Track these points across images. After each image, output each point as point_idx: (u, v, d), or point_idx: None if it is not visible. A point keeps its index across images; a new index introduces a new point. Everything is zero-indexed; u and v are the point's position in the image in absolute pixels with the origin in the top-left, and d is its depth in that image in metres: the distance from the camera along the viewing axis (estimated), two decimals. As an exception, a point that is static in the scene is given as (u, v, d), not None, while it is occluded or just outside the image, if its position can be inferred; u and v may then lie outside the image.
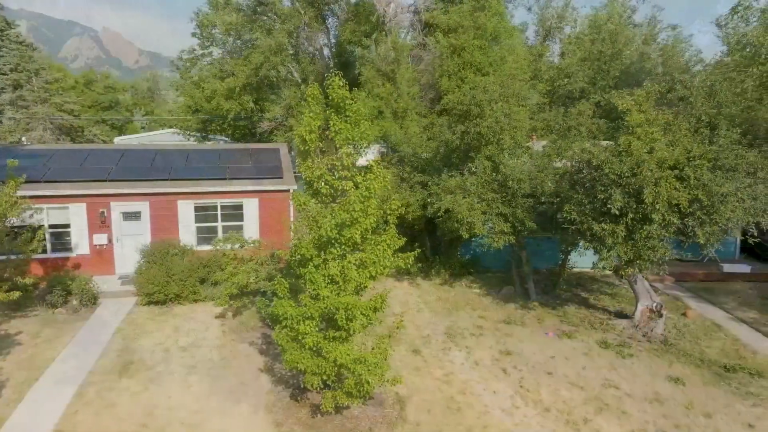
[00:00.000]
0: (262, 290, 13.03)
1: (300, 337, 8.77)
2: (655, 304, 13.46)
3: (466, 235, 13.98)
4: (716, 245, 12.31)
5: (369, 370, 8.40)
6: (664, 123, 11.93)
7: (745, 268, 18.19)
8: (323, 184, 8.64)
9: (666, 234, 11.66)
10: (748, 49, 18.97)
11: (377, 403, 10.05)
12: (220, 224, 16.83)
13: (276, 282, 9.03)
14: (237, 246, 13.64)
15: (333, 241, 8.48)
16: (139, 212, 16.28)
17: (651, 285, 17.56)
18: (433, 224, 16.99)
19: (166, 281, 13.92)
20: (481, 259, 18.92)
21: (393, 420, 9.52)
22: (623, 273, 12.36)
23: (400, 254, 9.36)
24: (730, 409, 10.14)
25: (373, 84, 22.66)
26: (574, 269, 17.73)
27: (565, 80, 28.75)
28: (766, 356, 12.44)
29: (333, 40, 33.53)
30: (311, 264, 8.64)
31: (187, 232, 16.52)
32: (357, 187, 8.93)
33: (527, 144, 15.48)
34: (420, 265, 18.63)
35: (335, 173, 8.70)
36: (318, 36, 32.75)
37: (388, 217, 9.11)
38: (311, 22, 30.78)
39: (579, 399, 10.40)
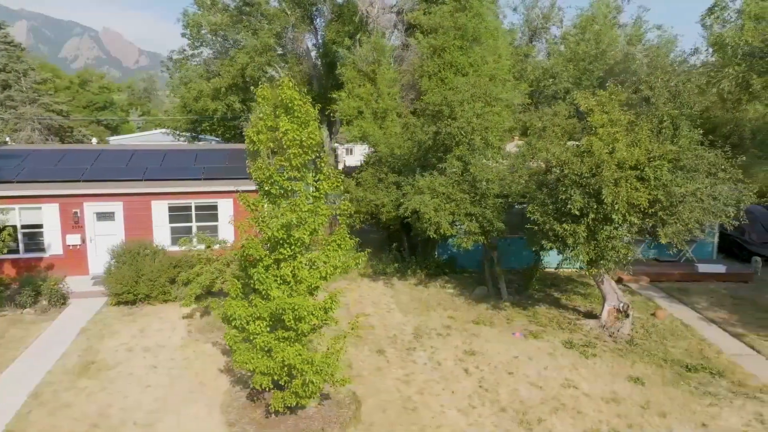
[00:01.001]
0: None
1: (251, 338, 8.82)
2: (621, 305, 13.50)
3: (433, 236, 14.02)
4: (685, 246, 12.31)
5: (316, 370, 8.43)
6: (627, 123, 11.97)
7: (720, 268, 18.22)
8: (272, 184, 8.67)
9: (627, 234, 11.69)
10: (723, 51, 19.04)
11: (334, 403, 10.09)
12: (194, 224, 16.88)
13: (228, 282, 9.06)
14: (203, 246, 13.67)
15: (282, 242, 8.51)
16: (113, 212, 16.33)
17: (626, 285, 17.72)
18: (410, 225, 17.05)
19: (135, 281, 13.95)
20: (458, 259, 18.96)
21: (347, 420, 9.55)
22: (587, 273, 12.38)
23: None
24: (686, 408, 10.17)
25: (354, 84, 22.69)
26: (549, 269, 17.77)
27: (550, 80, 28.82)
28: (730, 356, 12.46)
29: (320, 41, 33.59)
30: (261, 265, 8.67)
31: (161, 233, 16.56)
32: (317, 189, 9.00)
33: (498, 144, 15.48)
34: (396, 265, 18.72)
35: (285, 174, 8.73)
36: (305, 36, 32.82)
37: (339, 217, 9.12)
38: (298, 22, 30.82)
39: (537, 399, 10.43)
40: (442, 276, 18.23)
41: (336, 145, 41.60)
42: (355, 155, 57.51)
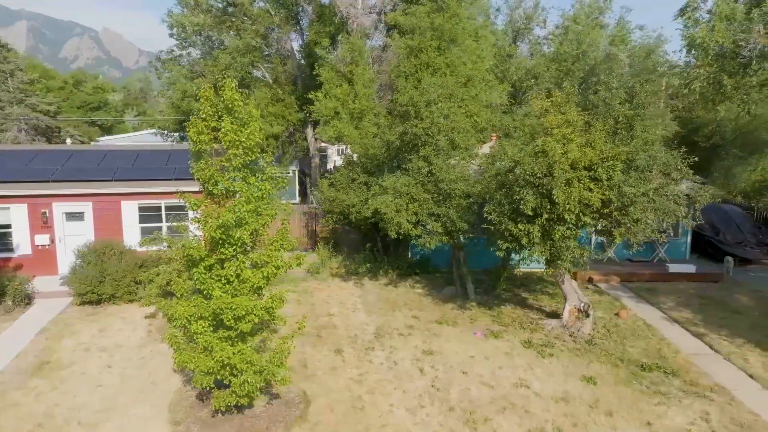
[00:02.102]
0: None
1: (195, 337, 8.88)
2: (582, 304, 13.55)
3: (394, 236, 14.07)
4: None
5: (256, 370, 8.48)
6: (583, 124, 12.02)
7: (690, 268, 18.28)
8: (214, 185, 8.73)
9: (582, 234, 11.73)
10: (695, 51, 19.03)
11: (283, 403, 10.14)
12: (164, 225, 16.94)
13: (173, 282, 9.12)
14: (164, 246, 13.72)
15: (222, 242, 8.57)
16: (83, 213, 16.39)
17: (596, 285, 17.78)
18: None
19: (99, 281, 14.01)
20: (431, 259, 19.03)
21: (293, 419, 9.60)
22: (545, 273, 12.44)
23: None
24: (634, 407, 10.21)
25: (332, 84, 22.76)
26: (523, 269, 17.85)
27: (532, 81, 28.84)
28: (687, 356, 12.52)
29: (305, 41, 33.63)
30: (202, 265, 8.73)
31: (131, 233, 16.61)
32: (260, 189, 9.06)
33: (465, 145, 15.51)
34: (368, 265, 18.79)
35: (226, 174, 8.79)
36: (291, 37, 32.85)
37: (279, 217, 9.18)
38: (282, 23, 30.86)
39: (487, 398, 10.48)
40: (413, 276, 18.30)
41: (325, 145, 41.70)
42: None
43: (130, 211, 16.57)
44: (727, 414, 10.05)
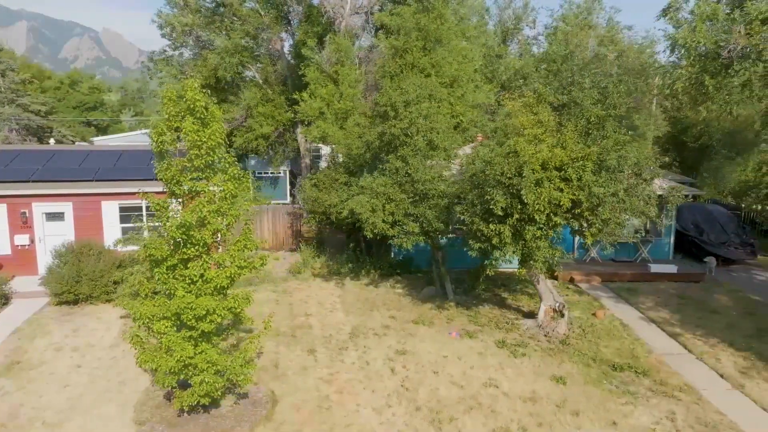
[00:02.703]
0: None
1: (158, 337, 8.91)
2: (557, 304, 13.57)
3: (370, 235, 14.10)
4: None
5: (217, 370, 8.50)
6: (555, 124, 12.04)
7: (671, 269, 18.29)
8: (176, 185, 8.76)
9: (553, 234, 11.75)
10: (678, 52, 19.04)
11: (250, 402, 10.15)
12: (145, 224, 16.92)
13: (137, 282, 9.13)
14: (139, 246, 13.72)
15: (184, 242, 8.59)
16: (63, 213, 16.41)
17: (576, 285, 17.80)
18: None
19: (76, 281, 14.03)
20: (414, 259, 19.05)
21: (258, 419, 9.62)
22: (518, 273, 12.45)
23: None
24: (601, 407, 10.23)
25: (317, 85, 22.78)
26: (504, 270, 17.84)
27: (521, 81, 28.85)
28: (659, 356, 12.54)
29: (295, 42, 33.66)
30: (165, 264, 8.75)
31: (112, 233, 16.63)
32: (223, 190, 9.09)
33: (444, 145, 15.50)
34: (350, 265, 18.81)
35: (188, 174, 8.81)
36: (282, 37, 32.87)
37: (241, 218, 9.19)
38: (272, 23, 30.88)
39: (454, 398, 10.49)
40: (394, 276, 18.32)
41: (318, 145, 41.69)
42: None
43: (110, 211, 16.59)
44: (693, 413, 10.07)
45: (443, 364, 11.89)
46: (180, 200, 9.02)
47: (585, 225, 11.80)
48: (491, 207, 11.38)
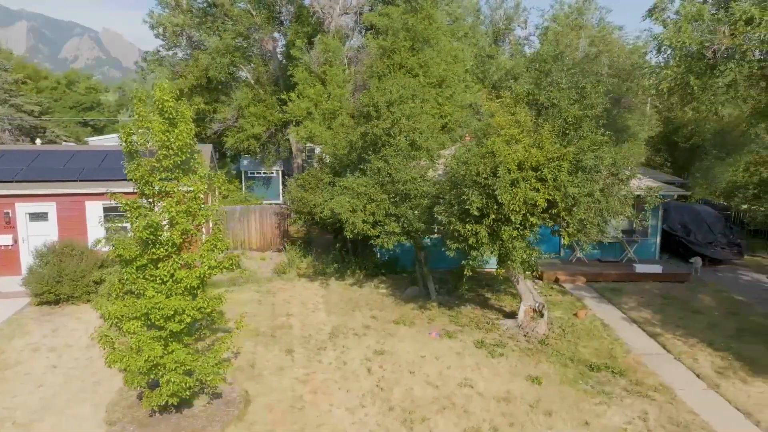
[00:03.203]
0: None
1: (129, 337, 8.92)
2: (537, 304, 13.57)
3: (350, 236, 14.11)
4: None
5: (185, 370, 8.51)
6: (532, 124, 12.05)
7: (656, 269, 18.29)
8: (145, 185, 8.77)
9: (529, 234, 11.76)
10: (666, 52, 19.05)
11: (223, 402, 10.16)
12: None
13: (108, 282, 9.14)
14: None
15: (153, 242, 8.61)
16: (46, 213, 16.43)
17: (561, 285, 17.80)
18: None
19: (57, 281, 14.04)
20: (399, 259, 19.08)
21: (230, 419, 9.62)
22: (496, 273, 12.47)
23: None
24: (574, 407, 10.23)
25: (306, 85, 22.81)
26: (490, 269, 17.84)
27: (512, 82, 28.84)
28: (637, 356, 12.54)
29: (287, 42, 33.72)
30: (134, 264, 8.76)
31: (96, 233, 16.59)
32: (192, 190, 9.11)
33: (427, 146, 15.51)
34: (336, 265, 18.82)
35: (157, 175, 8.82)
36: (273, 37, 32.93)
37: (211, 218, 9.21)
38: (264, 23, 30.95)
39: (429, 398, 10.50)
40: (379, 276, 18.33)
41: (313, 145, 41.73)
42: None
43: (94, 211, 16.59)
44: (666, 413, 10.07)
45: (420, 364, 11.89)
46: (150, 200, 9.02)
47: (563, 225, 11.80)
48: (467, 207, 11.39)
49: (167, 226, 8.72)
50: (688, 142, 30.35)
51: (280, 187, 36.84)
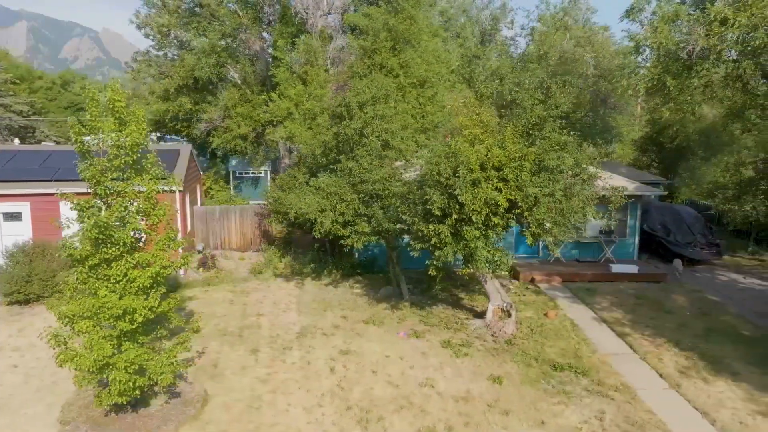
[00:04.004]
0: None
1: (81, 336, 8.93)
2: (505, 304, 13.60)
3: (318, 235, 14.13)
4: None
5: (135, 370, 8.53)
6: (496, 124, 12.07)
7: (632, 269, 18.30)
8: (96, 184, 8.80)
9: (493, 234, 11.77)
10: (643, 53, 19.07)
11: (181, 402, 10.17)
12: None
13: (62, 282, 9.15)
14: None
15: (103, 242, 8.62)
16: (20, 213, 16.44)
17: (536, 285, 17.81)
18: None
19: (26, 281, 14.05)
20: (378, 259, 19.09)
21: (185, 418, 9.63)
22: (461, 273, 12.49)
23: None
24: (532, 407, 10.24)
25: (286, 85, 22.83)
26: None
27: (497, 82, 28.89)
28: (603, 355, 12.55)
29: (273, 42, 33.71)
30: (86, 264, 8.78)
31: (70, 233, 16.60)
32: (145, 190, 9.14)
33: (400, 147, 15.52)
34: (313, 265, 18.84)
35: (108, 174, 8.84)
36: (262, 37, 32.92)
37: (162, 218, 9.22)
38: (250, 23, 30.95)
39: (388, 397, 10.50)
40: (355, 276, 18.34)
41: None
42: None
43: (68, 211, 16.54)
44: (623, 413, 10.08)
45: (384, 363, 11.90)
46: (104, 200, 9.04)
47: (525, 226, 11.82)
48: (429, 207, 11.40)
49: (119, 226, 8.72)
50: (673, 143, 30.38)
51: (269, 186, 36.84)
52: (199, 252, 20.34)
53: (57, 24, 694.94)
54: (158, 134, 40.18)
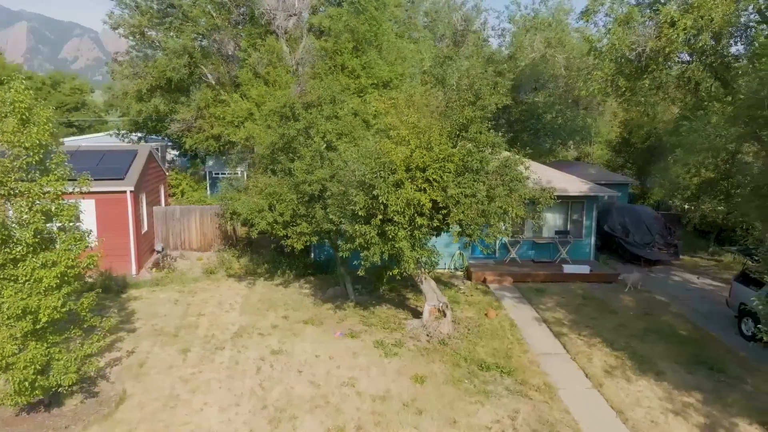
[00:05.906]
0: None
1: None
2: (440, 304, 13.64)
3: (254, 235, 14.18)
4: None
5: (36, 369, 8.58)
6: (424, 125, 12.11)
7: (584, 269, 18.36)
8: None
9: (419, 234, 11.82)
10: (597, 54, 19.11)
11: (96, 401, 10.21)
12: (54, 225, 16.99)
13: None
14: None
15: (4, 242, 8.67)
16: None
17: (486, 286, 17.85)
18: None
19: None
20: (332, 259, 19.09)
21: (96, 418, 9.67)
22: (392, 273, 12.54)
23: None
24: (448, 406, 10.27)
25: (248, 86, 22.88)
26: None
27: (464, 81, 28.88)
28: (534, 355, 12.59)
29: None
30: (-10, 264, 8.83)
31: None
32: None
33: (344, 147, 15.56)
34: (266, 265, 18.88)
35: (11, 174, 8.89)
36: (232, 38, 32.98)
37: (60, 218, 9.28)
38: (224, 25, 31.00)
39: (306, 397, 10.54)
40: (307, 276, 18.39)
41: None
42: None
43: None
44: (537, 412, 10.13)
45: (312, 363, 11.95)
46: (8, 201, 9.08)
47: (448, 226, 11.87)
48: (352, 207, 11.45)
49: (19, 226, 8.77)
50: (644, 144, 30.45)
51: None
52: (158, 252, 20.39)
53: (57, 24, 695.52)
54: (139, 134, 40.28)
